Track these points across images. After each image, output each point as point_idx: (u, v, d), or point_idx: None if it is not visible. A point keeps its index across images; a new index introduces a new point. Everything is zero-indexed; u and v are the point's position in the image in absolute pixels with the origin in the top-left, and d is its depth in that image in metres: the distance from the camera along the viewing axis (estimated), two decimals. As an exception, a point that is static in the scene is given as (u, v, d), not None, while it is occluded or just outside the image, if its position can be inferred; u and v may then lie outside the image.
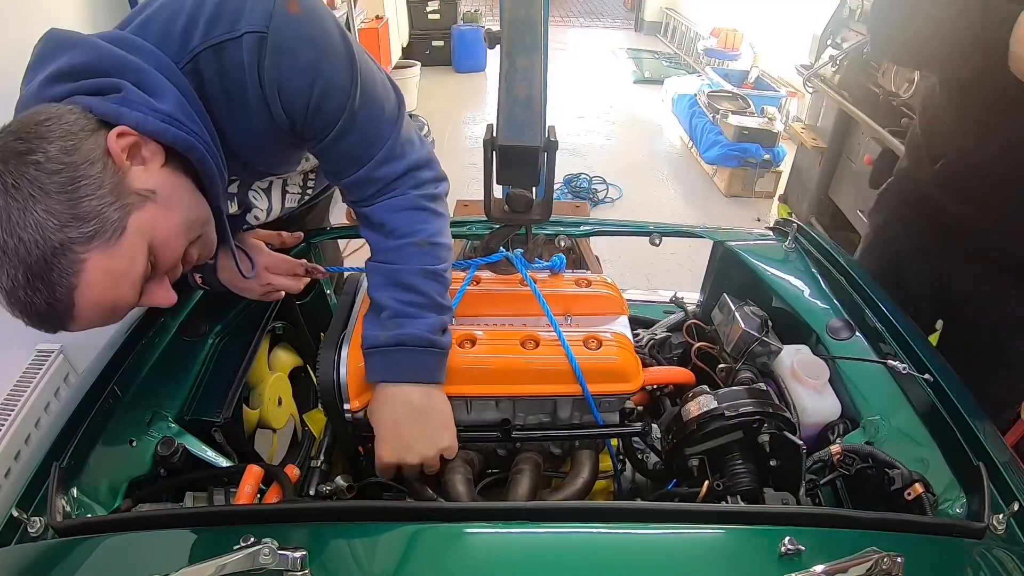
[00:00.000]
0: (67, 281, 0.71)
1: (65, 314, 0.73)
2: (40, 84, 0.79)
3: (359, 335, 0.94)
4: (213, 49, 0.81)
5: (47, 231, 0.69)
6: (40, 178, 0.69)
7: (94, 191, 0.72)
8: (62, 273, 0.70)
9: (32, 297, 0.70)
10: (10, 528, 0.79)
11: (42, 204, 0.68)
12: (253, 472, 0.92)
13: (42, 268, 0.69)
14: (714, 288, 1.41)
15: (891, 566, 0.61)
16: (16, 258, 0.68)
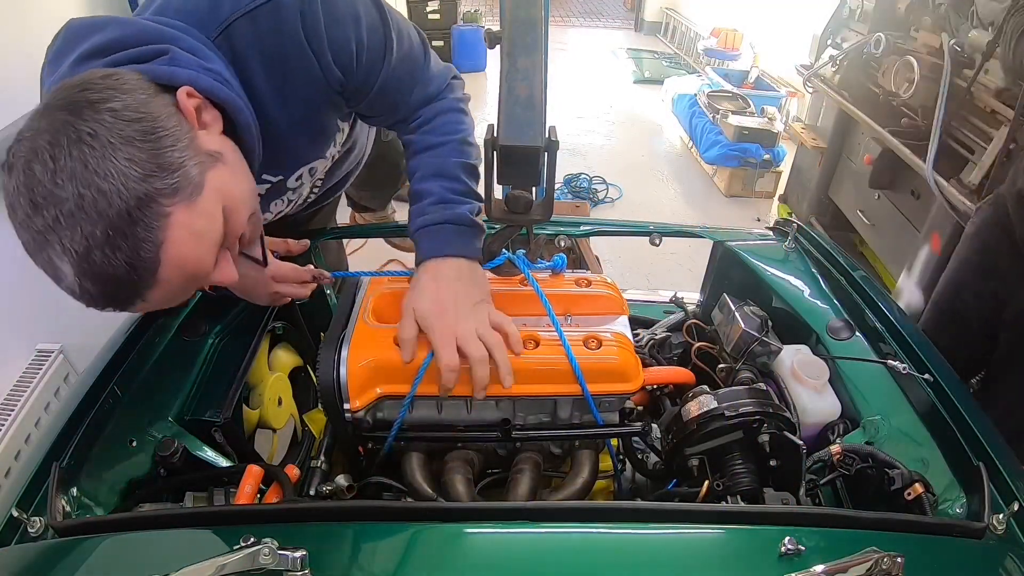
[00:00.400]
0: (153, 236, 0.65)
1: (148, 276, 0.67)
2: (72, 64, 0.74)
3: (359, 335, 0.94)
4: (248, 16, 0.78)
5: (130, 180, 0.63)
6: (118, 125, 0.64)
7: (174, 142, 0.67)
8: (148, 227, 0.64)
9: (112, 257, 0.63)
10: (10, 528, 0.79)
11: (123, 152, 0.63)
12: (253, 472, 0.92)
13: (125, 222, 0.63)
14: (714, 288, 1.41)
15: (891, 566, 0.61)
16: (94, 212, 0.62)
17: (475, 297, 0.95)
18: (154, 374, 1.06)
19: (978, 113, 2.16)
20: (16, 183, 0.63)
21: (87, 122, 0.63)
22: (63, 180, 0.61)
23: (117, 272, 0.65)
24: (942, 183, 2.13)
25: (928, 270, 2.28)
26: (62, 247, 0.63)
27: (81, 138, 0.62)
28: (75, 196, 0.61)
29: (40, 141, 0.63)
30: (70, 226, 0.62)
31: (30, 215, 0.62)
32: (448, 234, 0.98)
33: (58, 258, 0.64)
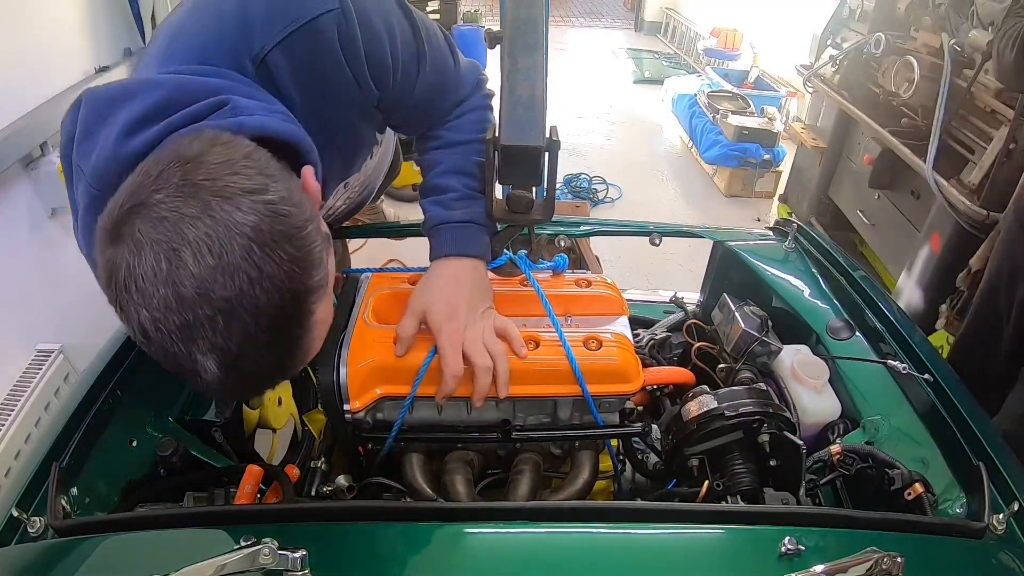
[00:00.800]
0: (304, 335, 0.63)
1: (293, 369, 0.66)
2: (116, 142, 0.67)
3: (359, 336, 0.94)
4: (281, 47, 0.75)
5: (289, 279, 0.59)
6: (277, 221, 0.58)
7: (316, 235, 0.63)
8: (300, 325, 0.62)
9: (265, 356, 0.61)
10: (10, 528, 0.79)
11: (283, 250, 0.58)
12: (253, 472, 0.92)
13: (282, 325, 0.60)
14: (714, 288, 1.41)
15: (891, 566, 0.61)
16: (258, 313, 0.58)
17: (485, 303, 0.95)
18: (154, 374, 1.06)
19: (978, 113, 2.16)
20: (152, 267, 0.55)
21: (247, 213, 0.57)
22: (224, 278, 0.56)
23: (269, 370, 0.63)
24: (942, 183, 2.13)
25: (928, 270, 2.28)
26: (212, 344, 0.58)
27: (244, 232, 0.56)
28: (237, 295, 0.56)
29: (189, 228, 0.55)
30: (228, 325, 0.57)
31: (172, 308, 0.56)
32: (472, 233, 0.97)
33: (202, 354, 0.58)
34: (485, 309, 0.94)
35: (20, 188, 1.83)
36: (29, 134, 1.80)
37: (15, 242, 1.82)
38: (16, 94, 1.78)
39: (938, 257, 2.22)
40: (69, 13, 2.05)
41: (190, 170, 0.57)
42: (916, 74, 2.37)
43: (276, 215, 0.58)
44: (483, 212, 0.99)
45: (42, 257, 1.91)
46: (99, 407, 0.96)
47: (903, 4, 2.70)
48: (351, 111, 0.89)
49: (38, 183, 1.86)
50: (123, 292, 0.56)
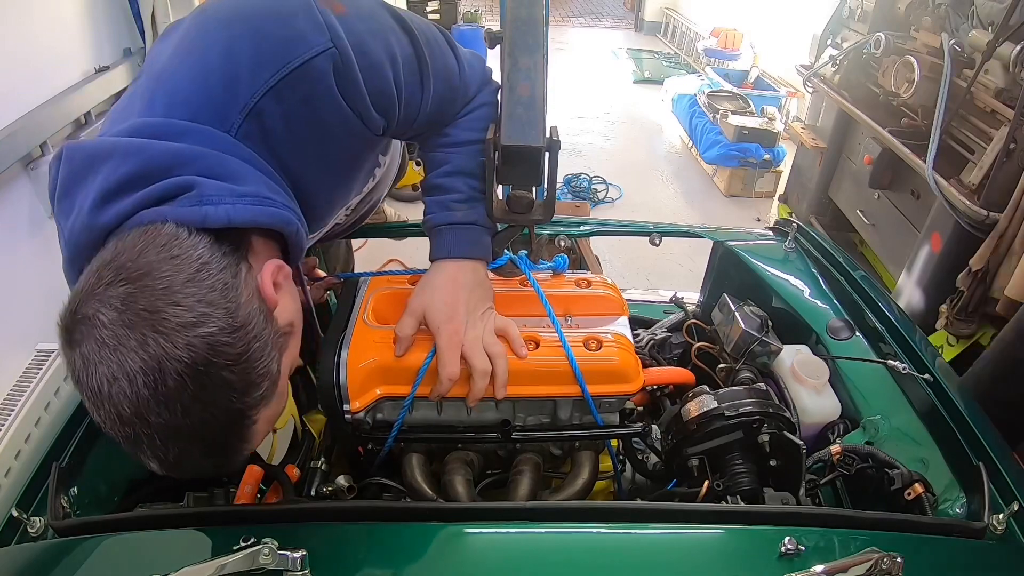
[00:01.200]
0: (240, 445, 0.68)
1: (232, 464, 0.71)
2: (90, 211, 0.67)
3: (359, 336, 0.94)
4: (272, 93, 0.72)
5: (227, 404, 0.63)
6: (220, 351, 0.61)
7: (262, 352, 0.66)
8: (240, 437, 0.67)
9: (203, 463, 0.66)
10: (10, 528, 0.79)
11: (224, 377, 0.62)
12: (253, 472, 0.92)
13: (220, 439, 0.65)
14: (714, 288, 1.41)
15: (891, 566, 0.61)
16: (196, 435, 0.63)
17: (485, 304, 0.95)
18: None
19: (978, 113, 2.16)
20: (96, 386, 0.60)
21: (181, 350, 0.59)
22: (159, 406, 0.60)
23: (205, 471, 0.68)
24: (942, 183, 2.13)
25: (928, 270, 2.28)
26: (152, 454, 0.63)
27: (176, 368, 0.59)
28: (170, 421, 0.60)
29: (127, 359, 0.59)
30: (164, 443, 0.62)
31: (117, 421, 0.61)
32: (475, 235, 0.96)
33: (147, 458, 0.64)
34: (485, 310, 0.94)
35: (20, 188, 1.83)
36: (29, 134, 1.80)
37: (15, 242, 1.82)
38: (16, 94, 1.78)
39: (938, 257, 2.22)
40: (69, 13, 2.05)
41: (133, 294, 0.60)
42: (916, 74, 2.37)
43: (212, 348, 0.61)
44: (485, 214, 0.97)
45: (42, 257, 1.91)
46: (99, 407, 0.96)
47: (903, 4, 2.70)
48: (353, 143, 0.86)
49: (38, 183, 1.86)
50: (82, 391, 0.62)
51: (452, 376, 0.88)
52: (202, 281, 0.63)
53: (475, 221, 0.96)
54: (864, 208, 2.95)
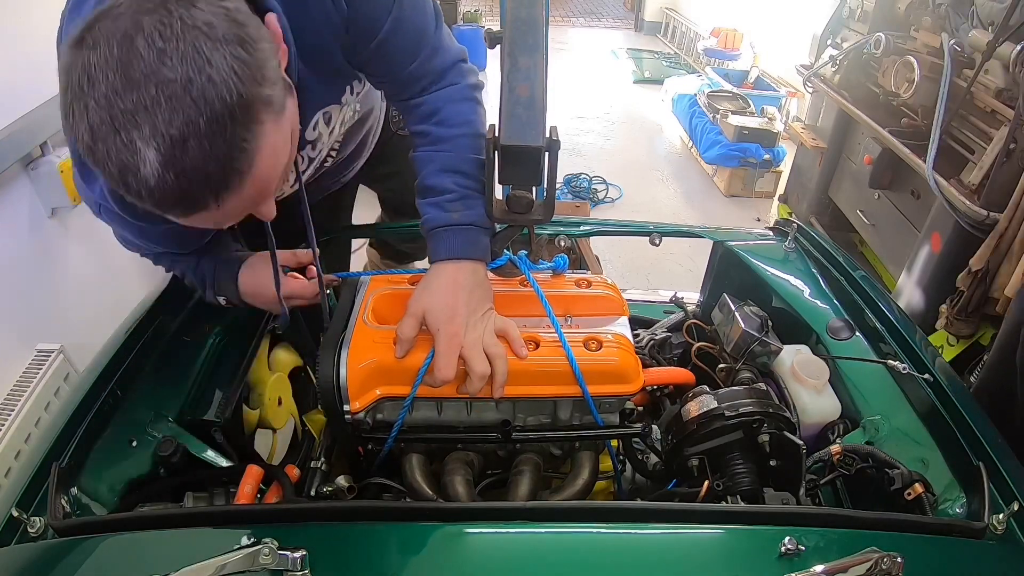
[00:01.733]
0: (250, 140, 0.64)
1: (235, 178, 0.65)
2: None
3: (359, 336, 0.94)
4: None
5: (237, 80, 0.61)
6: (231, 25, 0.62)
7: (270, 57, 0.66)
8: (247, 129, 0.63)
9: (208, 151, 0.61)
10: (10, 528, 0.79)
11: (234, 50, 0.61)
12: (253, 472, 0.92)
13: (228, 118, 0.61)
14: (714, 288, 1.41)
15: (891, 566, 0.61)
16: (202, 100, 0.59)
17: (485, 305, 0.95)
18: (154, 374, 1.06)
19: (978, 113, 2.16)
20: (104, 56, 0.58)
21: (203, 12, 0.60)
22: (173, 61, 0.58)
23: (208, 168, 0.62)
24: (942, 183, 2.13)
25: (928, 270, 2.28)
26: (153, 129, 0.59)
27: (197, 25, 0.59)
28: (184, 79, 0.58)
29: (145, 19, 0.58)
30: (171, 108, 0.58)
31: (119, 91, 0.58)
32: (474, 235, 0.96)
33: (144, 141, 0.59)
34: (485, 311, 0.94)
35: (20, 188, 1.83)
36: (29, 134, 1.80)
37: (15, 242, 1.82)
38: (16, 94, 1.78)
39: (938, 257, 2.22)
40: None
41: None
42: (916, 74, 2.37)
43: (232, 20, 0.62)
44: (482, 213, 0.98)
45: (42, 257, 1.91)
46: (99, 407, 0.96)
47: (903, 4, 2.69)
48: (323, 27, 0.87)
49: (38, 183, 1.86)
50: (76, 90, 0.59)
51: (446, 378, 0.88)
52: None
53: (472, 222, 0.96)
54: (864, 208, 2.95)
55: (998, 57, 2.03)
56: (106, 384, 0.99)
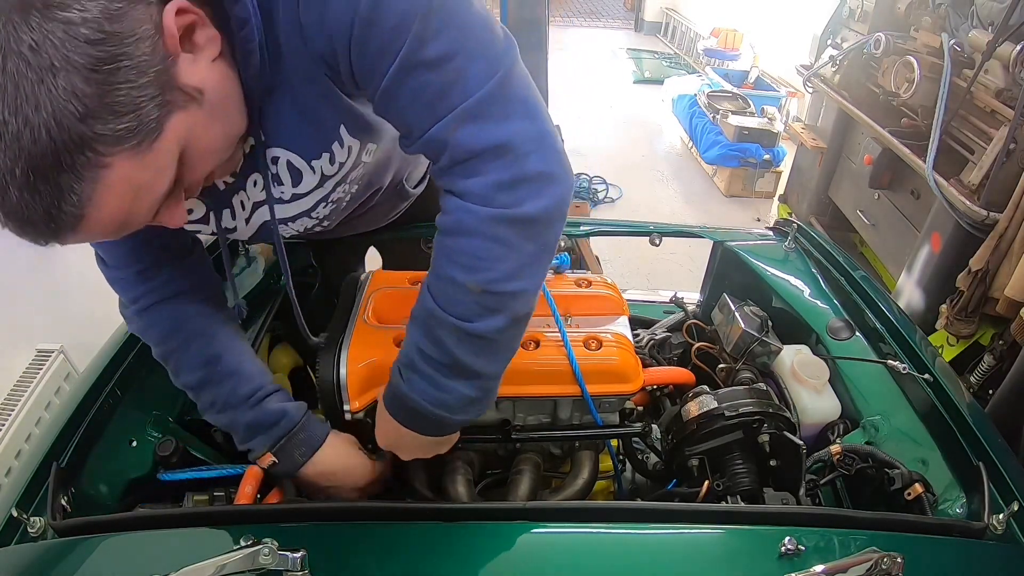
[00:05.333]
0: (81, 188, 0.54)
1: (66, 228, 0.56)
2: None
3: (359, 336, 0.94)
4: None
5: (66, 117, 0.51)
6: (69, 43, 0.50)
7: (136, 77, 0.54)
8: (77, 176, 0.54)
9: (29, 200, 0.53)
10: (10, 528, 0.79)
11: (65, 80, 0.50)
12: (253, 472, 0.92)
13: (49, 165, 0.52)
14: (714, 288, 1.41)
15: (891, 566, 0.61)
16: (16, 146, 0.51)
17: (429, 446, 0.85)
18: (154, 374, 1.05)
19: (978, 113, 2.16)
20: None
21: (33, 30, 0.49)
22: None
23: (33, 216, 0.54)
24: (942, 183, 2.13)
25: (928, 270, 2.28)
26: None
27: (20, 50, 0.49)
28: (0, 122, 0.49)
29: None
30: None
31: None
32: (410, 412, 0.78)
33: None
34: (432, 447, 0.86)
35: (20, 188, 1.83)
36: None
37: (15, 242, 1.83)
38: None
39: (938, 257, 2.22)
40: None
41: None
42: (916, 74, 2.37)
43: (69, 37, 0.50)
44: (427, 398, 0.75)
45: (42, 257, 1.91)
46: (99, 407, 0.96)
47: (903, 4, 2.69)
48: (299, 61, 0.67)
49: (38, 183, 1.86)
50: None
51: None
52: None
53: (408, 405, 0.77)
54: (864, 208, 2.95)
55: (998, 57, 2.03)
56: (106, 384, 0.99)
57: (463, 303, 0.71)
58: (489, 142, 0.66)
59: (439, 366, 0.74)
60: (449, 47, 0.64)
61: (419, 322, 0.75)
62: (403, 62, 0.64)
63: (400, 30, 0.63)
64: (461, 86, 0.65)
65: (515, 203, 0.68)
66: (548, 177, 0.69)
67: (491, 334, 0.73)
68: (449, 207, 0.71)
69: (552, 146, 0.69)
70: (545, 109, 0.71)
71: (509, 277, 0.70)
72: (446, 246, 0.72)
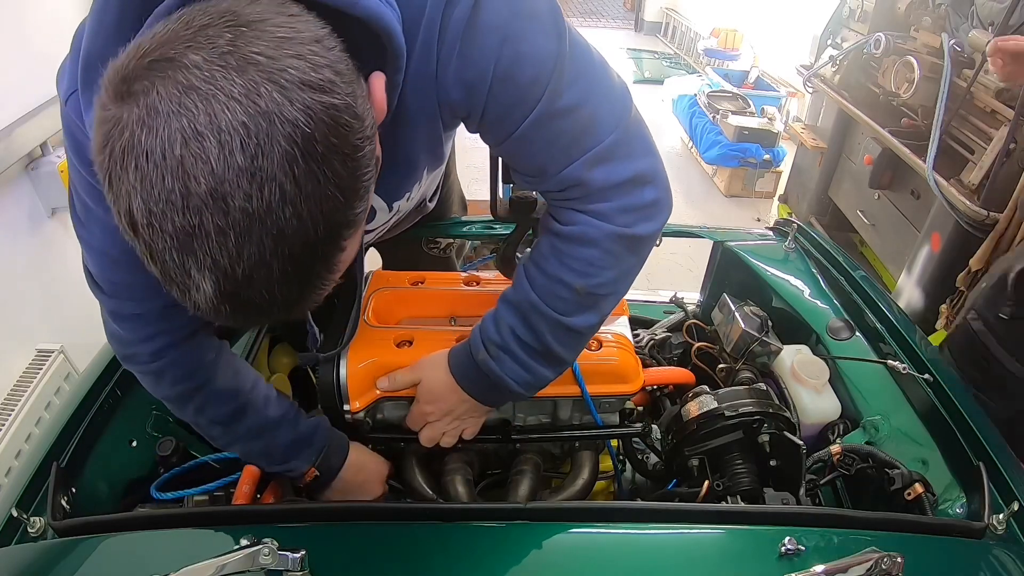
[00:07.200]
0: (323, 276, 0.52)
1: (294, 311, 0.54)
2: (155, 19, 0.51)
3: (360, 336, 0.94)
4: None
5: (331, 207, 0.48)
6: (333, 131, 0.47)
7: (369, 159, 0.52)
8: (325, 268, 0.52)
9: (277, 290, 0.49)
10: (10, 528, 0.79)
11: (332, 167, 0.47)
12: (251, 472, 0.92)
13: (306, 260, 0.49)
14: (714, 288, 1.41)
15: (891, 566, 0.61)
16: (280, 239, 0.46)
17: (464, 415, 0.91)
18: (154, 374, 1.05)
19: (978, 113, 2.16)
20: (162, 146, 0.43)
21: (300, 113, 0.45)
22: (251, 184, 0.44)
23: (269, 306, 0.50)
24: (942, 183, 2.13)
25: (928, 270, 2.28)
26: (213, 262, 0.46)
27: (291, 134, 0.45)
28: (260, 210, 0.45)
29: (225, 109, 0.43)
30: (238, 244, 0.46)
31: (179, 203, 0.44)
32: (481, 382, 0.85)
33: (199, 271, 0.47)
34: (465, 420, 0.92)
35: (20, 188, 1.83)
36: (29, 134, 1.80)
37: (15, 242, 1.82)
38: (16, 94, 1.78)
39: (938, 257, 2.22)
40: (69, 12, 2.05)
41: (244, 36, 0.45)
42: (916, 74, 2.37)
43: (335, 124, 0.47)
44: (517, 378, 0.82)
45: (42, 257, 1.91)
46: (99, 407, 0.96)
47: (903, 4, 2.69)
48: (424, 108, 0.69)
49: (38, 183, 1.86)
50: (118, 166, 0.45)
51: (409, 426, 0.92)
52: (330, 49, 0.49)
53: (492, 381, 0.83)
54: (864, 208, 2.95)
55: (998, 57, 2.03)
56: (106, 384, 0.99)
57: (566, 300, 0.78)
58: (618, 179, 0.73)
59: (532, 352, 0.81)
60: (580, 97, 0.69)
61: (516, 309, 0.80)
62: (539, 114, 0.67)
63: (536, 85, 0.66)
64: (593, 132, 0.70)
65: (632, 224, 0.76)
66: (659, 205, 0.78)
67: (583, 328, 0.81)
68: (574, 219, 0.76)
69: (664, 178, 0.78)
70: (654, 142, 0.77)
71: (611, 282, 0.79)
72: (561, 251, 0.77)
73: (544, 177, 0.74)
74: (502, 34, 0.63)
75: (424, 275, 1.10)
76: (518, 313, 0.80)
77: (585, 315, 0.80)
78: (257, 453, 0.91)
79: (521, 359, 0.81)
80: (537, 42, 0.65)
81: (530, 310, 0.79)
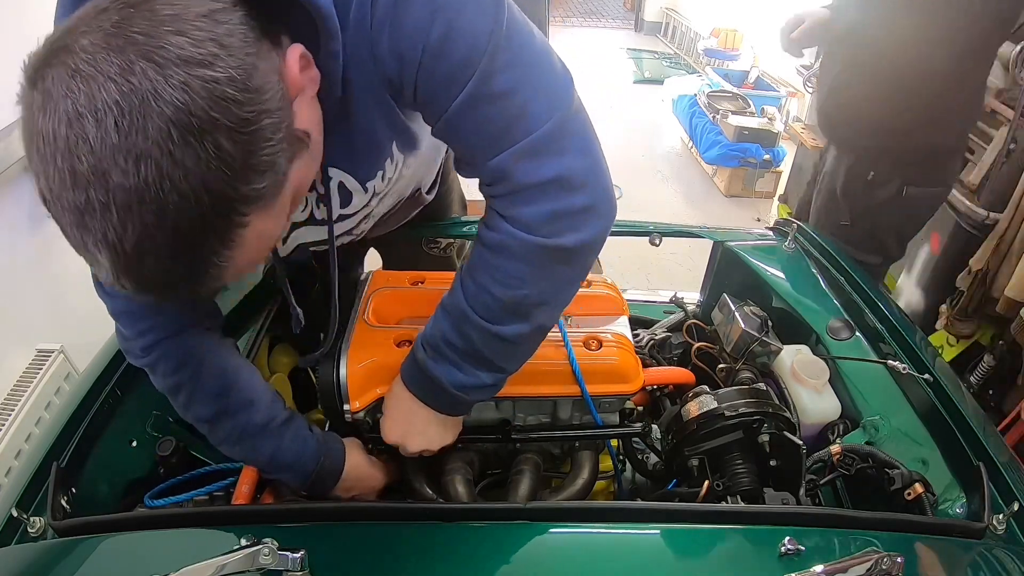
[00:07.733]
0: (224, 249, 0.53)
1: (202, 284, 0.55)
2: None
3: (359, 336, 0.94)
4: None
5: (216, 182, 0.49)
6: (217, 105, 0.48)
7: (272, 133, 0.52)
8: (221, 239, 0.52)
9: (170, 267, 0.51)
10: (10, 528, 0.79)
11: (214, 141, 0.48)
12: (250, 472, 0.92)
13: (196, 232, 0.50)
14: (714, 288, 1.41)
15: (891, 566, 0.61)
16: (161, 214, 0.48)
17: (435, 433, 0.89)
18: (154, 374, 1.06)
19: (978, 113, 2.16)
20: (52, 130, 0.47)
21: (175, 89, 0.46)
22: (126, 161, 0.46)
23: (173, 281, 0.53)
24: (942, 183, 2.13)
25: (928, 270, 2.28)
26: (104, 238, 0.48)
27: (165, 111, 0.46)
28: (138, 186, 0.46)
29: (101, 89, 0.45)
30: (123, 216, 0.47)
31: (68, 180, 0.47)
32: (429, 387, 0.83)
33: (95, 246, 0.49)
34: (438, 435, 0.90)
35: (20, 188, 1.83)
36: (29, 134, 1.80)
37: (15, 242, 1.82)
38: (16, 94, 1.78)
39: (938, 257, 2.22)
40: (69, 13, 2.05)
41: (129, 17, 0.47)
42: (916, 74, 2.37)
43: (217, 98, 0.48)
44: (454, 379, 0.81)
45: (42, 257, 1.91)
46: (99, 407, 0.96)
47: (903, 4, 2.69)
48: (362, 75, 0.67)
49: (38, 183, 1.86)
50: (29, 147, 0.49)
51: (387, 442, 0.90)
52: (220, 23, 0.50)
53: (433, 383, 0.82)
54: (864, 208, 2.95)
55: (998, 57, 2.03)
56: (106, 384, 0.99)
57: (493, 309, 0.76)
58: (545, 176, 0.70)
59: (463, 355, 0.80)
60: (514, 83, 0.66)
61: (449, 315, 0.80)
62: (469, 95, 0.65)
63: (468, 64, 0.64)
64: (524, 122, 0.67)
65: (557, 234, 0.72)
66: (592, 211, 0.74)
67: (514, 338, 0.79)
68: (497, 227, 0.74)
69: (600, 182, 0.75)
70: (598, 143, 0.75)
71: (540, 295, 0.77)
72: (487, 261, 0.76)
73: (475, 166, 0.72)
74: (434, 4, 0.61)
75: (424, 275, 1.10)
76: (450, 318, 0.80)
77: (515, 324, 0.77)
78: (242, 456, 0.92)
79: (454, 360, 0.80)
80: (471, 18, 0.63)
81: (461, 316, 0.78)
